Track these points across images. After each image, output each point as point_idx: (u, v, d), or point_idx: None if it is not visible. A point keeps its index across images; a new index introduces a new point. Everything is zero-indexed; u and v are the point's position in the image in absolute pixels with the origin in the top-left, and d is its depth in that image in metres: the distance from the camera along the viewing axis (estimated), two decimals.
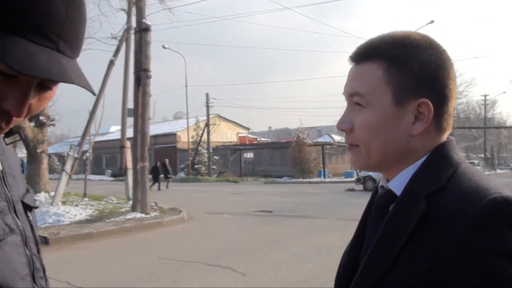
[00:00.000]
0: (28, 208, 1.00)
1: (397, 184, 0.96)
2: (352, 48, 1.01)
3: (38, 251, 0.97)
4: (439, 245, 0.81)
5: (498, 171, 55.01)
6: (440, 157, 0.94)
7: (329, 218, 13.14)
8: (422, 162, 0.94)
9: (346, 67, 1.04)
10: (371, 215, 1.03)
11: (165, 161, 31.71)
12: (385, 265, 0.87)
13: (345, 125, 0.99)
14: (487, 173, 44.54)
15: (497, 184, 0.87)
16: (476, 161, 46.84)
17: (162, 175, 30.14)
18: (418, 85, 0.93)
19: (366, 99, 0.95)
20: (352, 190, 24.36)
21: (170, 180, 31.27)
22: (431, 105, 0.92)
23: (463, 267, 0.79)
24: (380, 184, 1.05)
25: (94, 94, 0.82)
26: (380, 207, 1.00)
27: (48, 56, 0.72)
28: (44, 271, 0.97)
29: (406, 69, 0.93)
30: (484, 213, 0.79)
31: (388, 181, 1.01)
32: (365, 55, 0.97)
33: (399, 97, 0.94)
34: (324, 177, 37.07)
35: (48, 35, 0.73)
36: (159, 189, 28.41)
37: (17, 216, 0.91)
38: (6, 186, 0.92)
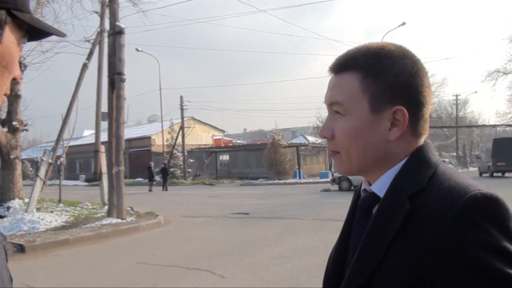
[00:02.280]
0: None
1: (379, 186, 1.01)
2: (325, 50, 1.07)
3: (7, 260, 0.96)
4: (425, 241, 0.87)
5: (471, 168, 55.98)
6: (418, 160, 0.99)
7: (305, 218, 13.23)
8: (402, 165, 1.00)
9: (320, 69, 1.10)
10: (356, 217, 1.08)
11: (150, 164, 31.87)
12: (374, 263, 0.92)
13: (326, 132, 1.04)
14: (460, 171, 45.39)
15: (475, 182, 0.93)
16: (447, 160, 47.59)
17: (147, 179, 31.14)
18: (393, 93, 0.98)
19: (345, 108, 1.01)
20: (327, 190, 24.52)
21: (154, 183, 31.54)
22: (406, 112, 0.98)
23: (449, 260, 0.84)
24: (362, 187, 1.10)
25: (63, 35, 0.96)
26: (364, 209, 1.05)
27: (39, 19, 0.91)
28: (11, 280, 0.95)
29: (381, 78, 0.98)
30: (466, 209, 0.85)
31: (369, 183, 1.06)
32: (343, 65, 1.03)
33: (375, 105, 0.99)
34: (300, 178, 37.19)
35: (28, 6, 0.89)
36: (163, 189, 30.01)
37: None
38: None
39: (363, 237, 0.98)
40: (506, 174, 33.11)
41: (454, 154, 61.46)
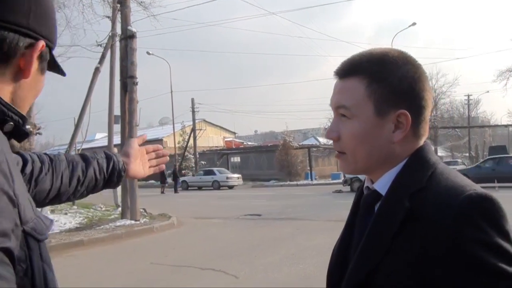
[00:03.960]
0: None
1: (382, 185, 1.07)
2: (336, 52, 1.14)
3: None
4: (424, 239, 0.92)
5: None
6: (419, 160, 1.05)
7: (318, 219, 13.25)
8: (403, 164, 1.06)
9: (330, 70, 1.15)
10: (359, 214, 1.14)
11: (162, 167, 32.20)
12: (375, 259, 0.98)
13: (333, 134, 1.10)
14: None
15: (471, 182, 0.99)
16: (460, 160, 47.25)
17: (159, 181, 32.23)
18: (397, 97, 1.04)
19: (351, 111, 1.06)
20: (339, 191, 24.48)
21: (166, 185, 31.78)
22: (409, 115, 1.03)
23: (447, 257, 0.90)
24: (365, 185, 1.16)
25: (64, 75, 1.10)
26: (367, 206, 1.11)
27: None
28: None
29: (386, 83, 1.04)
30: (463, 208, 0.91)
31: (372, 182, 1.12)
32: (348, 71, 1.08)
33: (380, 109, 1.04)
34: (311, 180, 37.23)
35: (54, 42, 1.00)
36: (175, 191, 30.72)
37: None
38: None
39: (365, 233, 1.03)
40: None
41: (467, 154, 60.98)
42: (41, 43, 0.92)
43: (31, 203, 0.85)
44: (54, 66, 1.04)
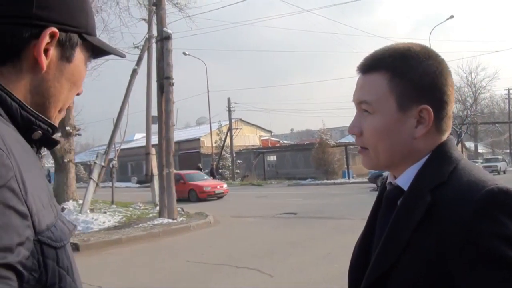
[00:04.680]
0: None
1: (404, 180, 1.07)
2: (372, 48, 1.13)
3: None
4: (444, 232, 0.92)
5: None
6: (441, 155, 1.04)
7: (354, 218, 13.08)
8: (425, 160, 1.05)
9: None
10: (381, 209, 1.14)
11: (199, 165, 32.62)
12: (396, 253, 0.98)
13: (355, 130, 1.11)
14: None
15: (493, 177, 0.98)
16: (500, 157, 45.92)
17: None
18: (418, 93, 1.03)
19: (373, 107, 1.06)
20: (376, 190, 24.18)
21: None
22: (431, 110, 1.03)
23: (466, 251, 0.89)
24: (388, 181, 1.15)
25: (123, 56, 1.11)
26: (389, 201, 1.10)
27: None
28: None
29: (408, 79, 1.04)
30: (483, 202, 0.90)
31: (395, 177, 1.11)
32: (371, 66, 1.08)
33: (402, 104, 1.04)
34: (349, 178, 36.84)
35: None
36: None
37: None
38: None
39: (388, 227, 1.03)
40: None
41: (508, 151, 59.34)
42: (49, 31, 0.86)
43: (54, 208, 0.84)
44: (100, 51, 1.01)
